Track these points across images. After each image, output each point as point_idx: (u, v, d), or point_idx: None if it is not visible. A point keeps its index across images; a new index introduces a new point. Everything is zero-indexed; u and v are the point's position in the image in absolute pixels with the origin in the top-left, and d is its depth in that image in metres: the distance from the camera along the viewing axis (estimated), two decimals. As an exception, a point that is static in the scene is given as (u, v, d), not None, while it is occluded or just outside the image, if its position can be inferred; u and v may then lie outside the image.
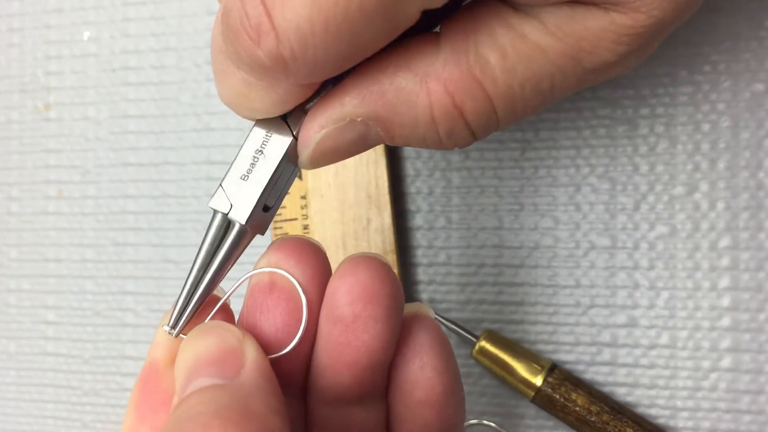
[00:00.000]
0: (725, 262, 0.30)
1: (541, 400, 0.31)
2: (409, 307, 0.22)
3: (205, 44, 0.35)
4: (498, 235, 0.32)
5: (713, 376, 0.30)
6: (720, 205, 0.30)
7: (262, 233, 0.21)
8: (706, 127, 0.30)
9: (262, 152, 0.21)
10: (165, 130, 0.36)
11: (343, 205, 0.32)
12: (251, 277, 0.21)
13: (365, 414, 0.22)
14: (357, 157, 0.32)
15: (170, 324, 0.21)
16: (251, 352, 0.19)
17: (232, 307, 0.22)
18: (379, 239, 0.32)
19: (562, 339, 0.32)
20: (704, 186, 0.30)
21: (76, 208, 0.37)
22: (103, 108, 0.37)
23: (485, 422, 0.32)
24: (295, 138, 0.21)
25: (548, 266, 0.32)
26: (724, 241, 0.30)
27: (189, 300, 0.21)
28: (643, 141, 0.31)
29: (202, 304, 0.21)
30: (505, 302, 0.32)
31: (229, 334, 0.20)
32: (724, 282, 0.30)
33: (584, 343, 0.32)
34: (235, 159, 0.21)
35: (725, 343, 0.30)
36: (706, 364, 0.30)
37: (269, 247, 0.21)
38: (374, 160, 0.32)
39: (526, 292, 0.32)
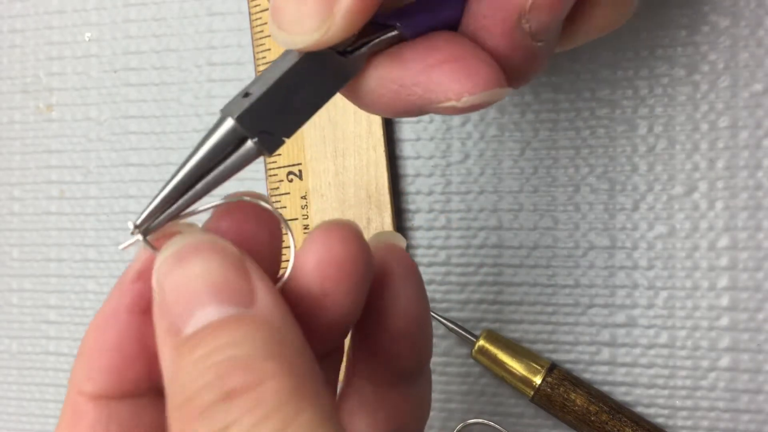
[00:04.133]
0: (724, 261, 0.30)
1: (541, 399, 0.31)
2: (381, 237, 0.21)
3: (206, 45, 0.35)
4: (497, 235, 0.32)
5: (712, 375, 0.31)
6: (719, 205, 0.30)
7: (267, 150, 0.18)
8: (704, 127, 0.30)
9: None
10: (166, 130, 0.36)
11: (343, 205, 0.32)
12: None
13: (328, 365, 0.21)
14: (357, 157, 0.32)
15: (137, 223, 0.18)
16: (257, 271, 0.17)
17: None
18: (379, 239, 0.32)
19: (562, 338, 0.32)
20: (703, 186, 0.30)
21: (78, 208, 0.37)
22: (104, 109, 0.37)
23: (485, 421, 0.33)
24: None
25: (547, 266, 0.32)
26: (723, 241, 0.30)
27: (166, 201, 0.18)
28: (642, 141, 0.31)
29: (176, 208, 0.18)
30: (504, 302, 0.32)
31: (228, 247, 0.17)
32: (723, 282, 0.30)
33: (583, 342, 0.32)
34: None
35: (724, 343, 0.30)
36: (704, 363, 0.31)
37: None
38: (374, 161, 0.32)
39: (525, 292, 0.32)
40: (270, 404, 0.14)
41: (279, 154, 0.33)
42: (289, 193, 0.33)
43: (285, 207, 0.33)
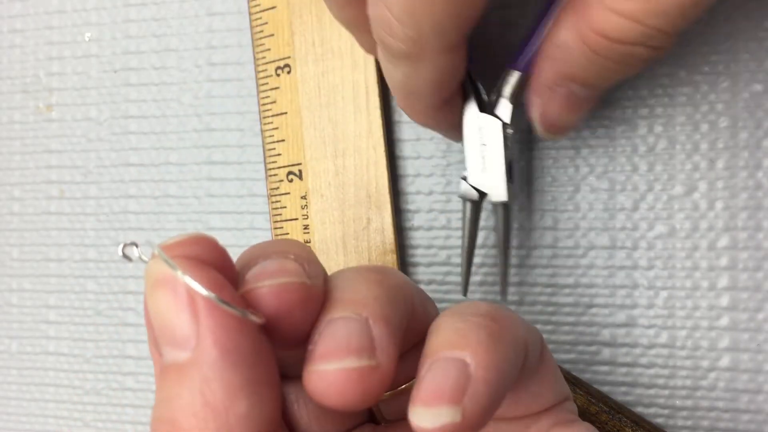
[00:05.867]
0: (724, 261, 0.30)
1: (541, 399, 0.31)
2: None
3: (205, 45, 0.35)
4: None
5: (712, 375, 0.31)
6: (718, 205, 0.30)
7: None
8: (704, 127, 0.30)
9: (485, 144, 0.27)
10: (166, 130, 0.36)
11: (343, 205, 0.32)
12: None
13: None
14: (357, 157, 0.32)
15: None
16: (206, 310, 0.16)
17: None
18: (379, 239, 0.32)
19: (562, 338, 0.32)
20: (703, 186, 0.30)
21: (78, 208, 0.37)
22: (104, 108, 0.37)
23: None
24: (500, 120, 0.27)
25: (547, 266, 0.32)
26: (723, 241, 0.30)
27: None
28: (642, 141, 0.31)
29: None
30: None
31: (181, 283, 0.17)
32: (723, 281, 0.30)
33: (583, 342, 0.32)
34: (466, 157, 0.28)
35: (724, 343, 0.30)
36: (704, 363, 0.31)
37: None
38: (374, 161, 0.32)
39: (525, 292, 0.32)
40: None
41: (279, 154, 0.33)
42: (289, 193, 0.33)
43: (285, 207, 0.33)
